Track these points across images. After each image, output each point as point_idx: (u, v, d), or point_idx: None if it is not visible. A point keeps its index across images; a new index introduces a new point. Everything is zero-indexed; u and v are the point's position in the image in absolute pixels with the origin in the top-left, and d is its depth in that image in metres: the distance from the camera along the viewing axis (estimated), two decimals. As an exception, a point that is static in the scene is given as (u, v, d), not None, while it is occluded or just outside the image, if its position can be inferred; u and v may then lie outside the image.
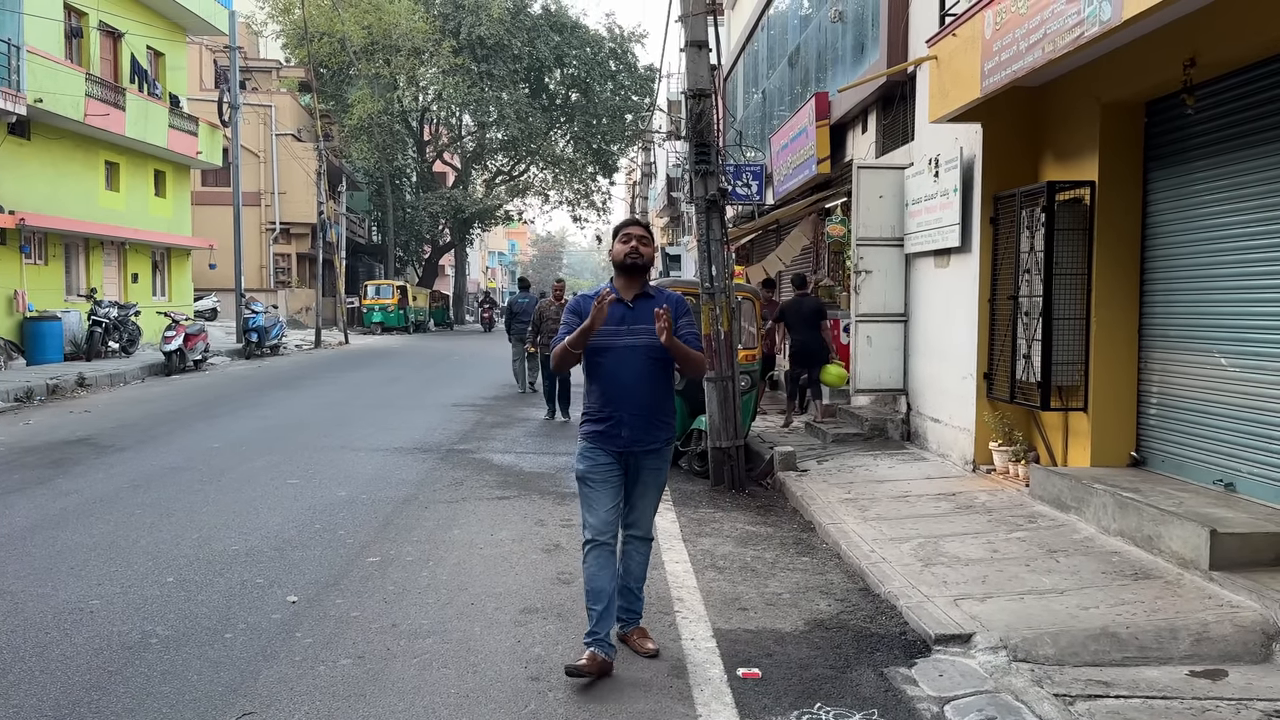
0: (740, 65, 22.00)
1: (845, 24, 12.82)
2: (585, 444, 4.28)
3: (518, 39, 41.26)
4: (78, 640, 4.50)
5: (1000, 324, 8.02)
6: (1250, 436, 5.96)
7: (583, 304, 4.26)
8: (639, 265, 4.25)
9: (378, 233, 48.89)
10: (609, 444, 4.21)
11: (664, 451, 4.33)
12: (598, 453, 4.23)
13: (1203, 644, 4.40)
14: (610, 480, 4.22)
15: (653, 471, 4.32)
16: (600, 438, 4.23)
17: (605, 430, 4.22)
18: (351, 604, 5.06)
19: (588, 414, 4.31)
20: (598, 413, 4.25)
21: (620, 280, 4.31)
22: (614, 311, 4.16)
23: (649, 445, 4.25)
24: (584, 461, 4.27)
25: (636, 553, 4.46)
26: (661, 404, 4.29)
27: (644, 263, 4.26)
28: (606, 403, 4.21)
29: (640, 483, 4.32)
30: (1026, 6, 6.32)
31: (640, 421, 4.21)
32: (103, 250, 22.31)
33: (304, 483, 8.16)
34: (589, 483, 4.24)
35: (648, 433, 4.24)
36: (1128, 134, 7.03)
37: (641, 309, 4.22)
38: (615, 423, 4.19)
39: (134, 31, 22.54)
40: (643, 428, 4.22)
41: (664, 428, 4.31)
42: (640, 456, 4.25)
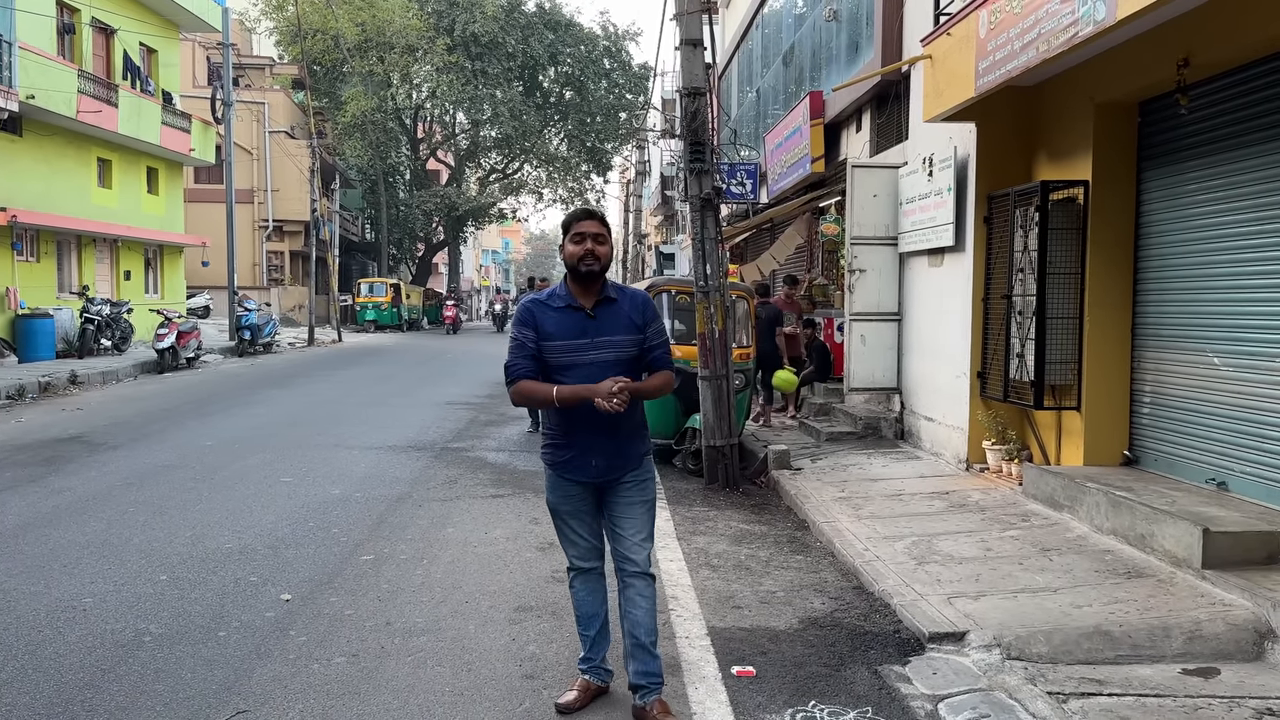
0: (735, 64, 22.01)
1: (840, 23, 12.84)
2: (552, 472, 3.74)
3: (512, 36, 41.20)
4: (70, 638, 4.49)
5: (994, 323, 8.03)
6: (1243, 436, 5.98)
7: (536, 314, 3.61)
8: (595, 272, 3.60)
9: (371, 230, 48.80)
10: (578, 474, 3.67)
11: (645, 466, 3.76)
12: (566, 484, 3.71)
13: (1195, 642, 4.42)
14: (586, 508, 3.75)
15: (637, 489, 3.73)
16: (567, 469, 3.68)
17: (572, 460, 3.66)
18: (345, 602, 5.05)
19: (551, 440, 3.73)
20: (562, 439, 3.67)
21: (576, 286, 3.65)
22: (572, 322, 3.57)
23: (625, 470, 3.69)
24: (554, 492, 3.76)
25: (639, 596, 3.70)
26: (636, 423, 3.73)
27: (602, 267, 3.61)
28: (572, 428, 3.62)
29: (622, 504, 3.72)
30: (1021, 6, 6.33)
31: (613, 447, 3.64)
32: (95, 247, 22.23)
33: (297, 481, 8.15)
34: (561, 515, 3.79)
35: (622, 455, 3.68)
36: (1121, 134, 7.05)
37: (605, 317, 3.61)
38: (583, 451, 3.63)
39: (127, 28, 22.45)
40: (616, 453, 3.66)
41: (639, 443, 3.75)
42: (616, 482, 3.70)
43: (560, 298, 3.63)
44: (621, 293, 3.71)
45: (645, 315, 3.65)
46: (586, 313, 3.59)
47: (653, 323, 3.67)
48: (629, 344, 3.59)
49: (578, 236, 3.59)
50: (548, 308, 3.61)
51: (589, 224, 3.61)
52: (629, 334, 3.59)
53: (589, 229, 3.60)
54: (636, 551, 3.70)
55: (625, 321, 3.62)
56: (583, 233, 3.59)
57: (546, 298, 3.64)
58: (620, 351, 3.57)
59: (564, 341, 3.55)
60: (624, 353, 3.58)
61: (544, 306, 3.61)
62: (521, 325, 3.62)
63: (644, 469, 3.76)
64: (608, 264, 3.62)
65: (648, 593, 3.72)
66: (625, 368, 3.58)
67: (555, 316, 3.60)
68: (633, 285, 4.40)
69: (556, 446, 3.70)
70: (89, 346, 18.65)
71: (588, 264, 3.57)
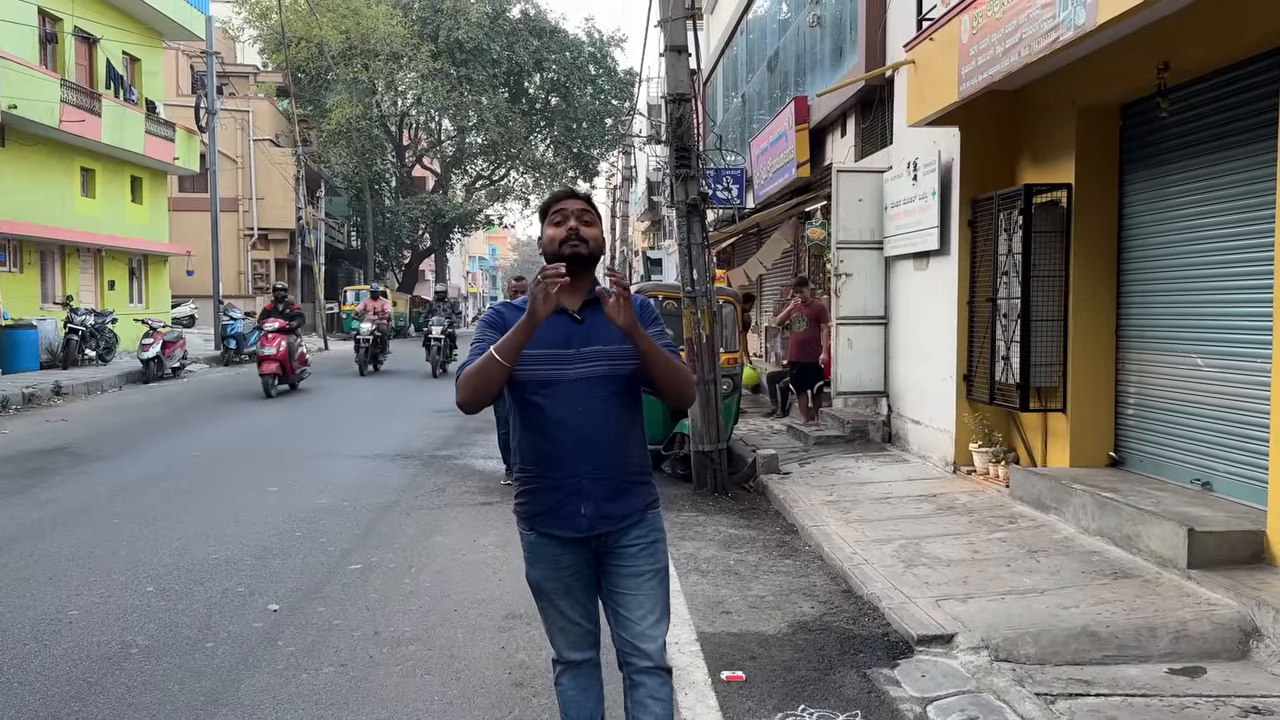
0: (720, 69, 22.07)
1: (823, 28, 12.89)
2: (529, 535, 2.83)
3: (497, 43, 41.20)
4: (56, 651, 4.46)
5: (979, 326, 8.07)
6: (1226, 436, 6.02)
7: (508, 318, 2.80)
8: (583, 256, 2.76)
9: (357, 238, 48.69)
10: (563, 528, 2.76)
11: (652, 521, 2.88)
12: (551, 547, 2.80)
13: (1181, 642, 4.44)
14: (578, 582, 2.85)
15: (645, 554, 2.83)
16: (549, 520, 2.77)
17: (554, 508, 2.76)
18: (333, 612, 5.04)
19: (525, 485, 2.82)
20: (540, 482, 2.78)
21: None
22: (553, 327, 2.71)
23: (625, 519, 2.81)
24: (536, 563, 2.85)
25: (652, 699, 2.84)
26: (635, 456, 2.86)
27: (590, 251, 2.78)
28: (552, 465, 2.75)
29: (625, 575, 2.83)
30: (1002, 11, 6.37)
31: (608, 488, 2.77)
32: (79, 257, 22.11)
33: (284, 490, 8.11)
34: (547, 594, 2.86)
35: (620, 501, 2.79)
36: (1104, 137, 7.10)
37: (595, 321, 2.77)
38: (569, 495, 2.75)
39: (110, 37, 22.37)
40: (613, 496, 2.78)
41: (642, 487, 2.87)
42: (615, 537, 2.81)
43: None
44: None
45: (645, 319, 2.80)
46: (571, 315, 2.76)
47: (652, 326, 2.82)
48: (626, 354, 2.73)
49: (558, 214, 2.80)
50: (520, 311, 2.74)
51: (569, 202, 2.83)
52: (625, 342, 2.71)
53: (570, 206, 2.81)
54: (647, 640, 2.81)
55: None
56: (563, 209, 2.80)
57: (521, 302, 2.78)
58: (614, 364, 2.74)
59: (543, 351, 2.70)
60: (619, 365, 2.75)
61: (518, 311, 2.77)
62: (488, 328, 2.80)
63: (651, 525, 2.87)
64: (599, 251, 2.81)
65: (662, 694, 2.84)
66: (621, 385, 2.77)
67: None
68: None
69: (531, 490, 2.81)
70: (73, 357, 18.53)
71: (572, 245, 2.74)
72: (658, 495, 2.97)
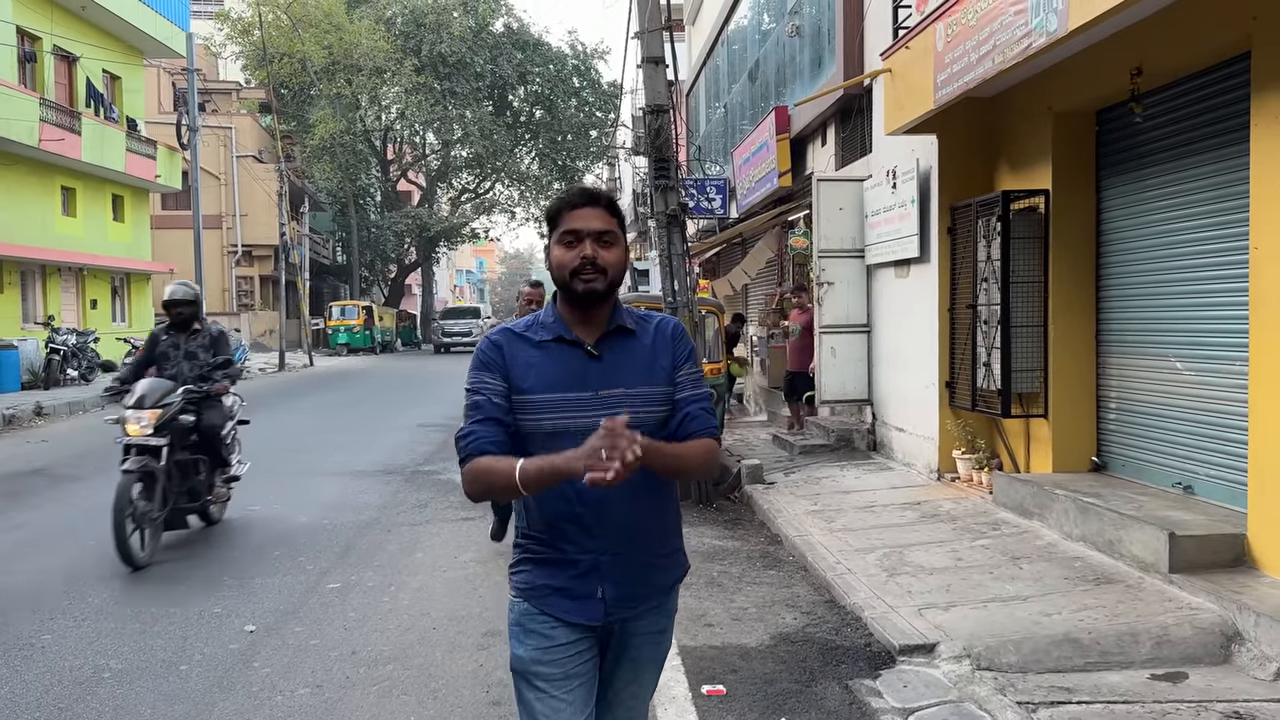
0: (702, 80, 22.13)
1: (802, 38, 12.93)
2: (526, 605, 2.31)
3: (480, 57, 41.28)
4: (28, 677, 4.40)
5: (960, 332, 8.07)
6: (1206, 439, 6.02)
7: (507, 353, 2.28)
8: (598, 294, 2.26)
9: (342, 253, 48.58)
10: (575, 613, 2.26)
11: (671, 602, 2.44)
12: (551, 626, 2.28)
13: (1163, 647, 4.43)
14: (581, 670, 2.30)
15: (652, 641, 2.41)
16: (558, 602, 2.27)
17: (565, 588, 2.27)
18: (310, 632, 4.98)
19: (530, 554, 2.32)
20: (549, 553, 2.28)
21: (570, 309, 2.31)
22: (566, 366, 2.26)
23: (648, 603, 2.35)
24: (527, 641, 2.29)
25: None
26: (668, 523, 2.42)
27: (610, 283, 2.27)
28: (566, 537, 2.25)
29: (627, 659, 2.39)
30: (976, 18, 6.39)
31: (633, 566, 2.29)
32: (60, 276, 21.99)
33: (264, 509, 8.05)
34: (537, 681, 2.28)
35: (646, 582, 2.33)
36: (1079, 142, 7.12)
37: (617, 357, 2.28)
38: (584, 573, 2.26)
39: (89, 55, 22.30)
40: (638, 576, 2.31)
41: (672, 560, 2.42)
42: (632, 623, 2.34)
43: (546, 327, 2.30)
44: (643, 321, 2.37)
45: (677, 353, 2.34)
46: (587, 350, 2.27)
47: (686, 364, 2.35)
48: (654, 399, 2.27)
49: (570, 236, 2.25)
50: (525, 342, 2.28)
51: (587, 213, 2.26)
52: (654, 384, 2.28)
53: (587, 222, 2.25)
54: None
55: (648, 364, 2.30)
56: (577, 230, 2.25)
57: (525, 327, 2.32)
58: (642, 410, 2.22)
59: (553, 396, 2.23)
60: (648, 412, 2.24)
61: (520, 341, 2.29)
62: (483, 370, 2.27)
63: (668, 609, 2.43)
64: (619, 278, 2.29)
65: None
66: (650, 435, 2.15)
67: (538, 357, 2.27)
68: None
69: (537, 562, 2.30)
70: (55, 377, 18.40)
71: (586, 279, 2.23)
72: (688, 566, 2.50)
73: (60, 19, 21.24)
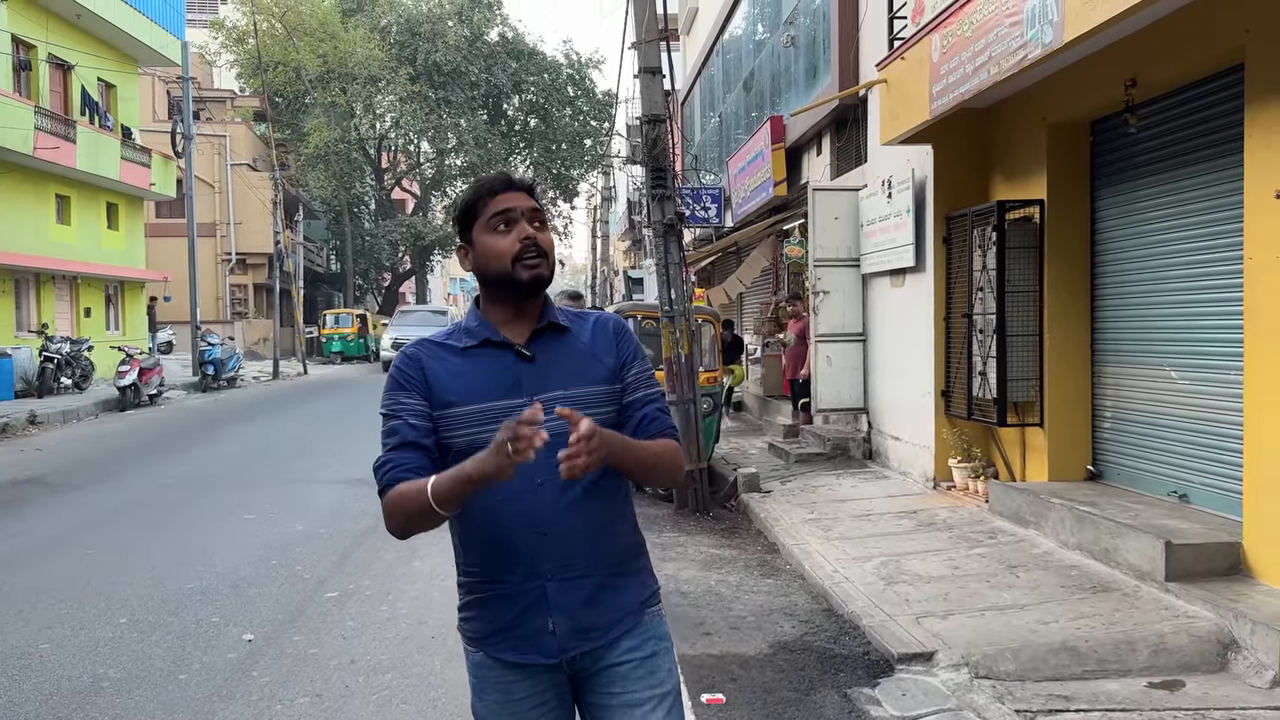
0: (697, 89, 22.20)
1: (797, 48, 12.99)
2: (480, 655, 2.04)
3: (475, 66, 41.34)
4: (26, 686, 4.38)
5: (956, 342, 8.11)
6: (1201, 448, 6.05)
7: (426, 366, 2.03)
8: (545, 279, 2.03)
9: (336, 261, 48.53)
10: (525, 652, 1.99)
11: (649, 623, 2.08)
12: (506, 674, 2.02)
13: (1160, 655, 4.45)
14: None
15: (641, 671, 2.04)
16: (504, 642, 1.99)
17: (510, 626, 1.98)
18: (309, 641, 4.97)
19: (470, 594, 2.06)
20: (488, 590, 2.01)
21: (498, 308, 2.06)
22: (493, 371, 2.00)
23: (612, 630, 2.02)
24: (485, 696, 2.06)
25: None
26: (622, 538, 2.08)
27: (549, 273, 2.04)
28: (504, 565, 1.98)
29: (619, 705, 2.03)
30: (972, 30, 6.43)
31: (585, 590, 1.98)
32: (54, 284, 21.92)
33: (260, 518, 8.03)
34: None
35: (604, 606, 2.01)
36: (1074, 153, 7.16)
37: (552, 357, 2.04)
38: (528, 606, 1.97)
39: (84, 64, 22.28)
40: (591, 600, 1.99)
41: (634, 579, 2.08)
42: (599, 654, 2.02)
43: (471, 332, 2.05)
44: (577, 319, 2.13)
45: (621, 349, 2.10)
46: (518, 352, 2.01)
47: (635, 361, 2.11)
48: (598, 399, 2.02)
49: (501, 219, 2.00)
50: (447, 351, 2.04)
51: (513, 196, 2.01)
52: (595, 383, 2.04)
53: (514, 202, 2.00)
54: None
55: (587, 362, 2.05)
56: (509, 210, 2.00)
57: (447, 335, 2.08)
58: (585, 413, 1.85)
59: (481, 406, 1.96)
60: (592, 415, 1.88)
61: (441, 351, 2.04)
62: (398, 390, 2.02)
63: (649, 631, 2.07)
64: (554, 267, 2.06)
65: None
66: None
67: (463, 366, 2.01)
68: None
69: (477, 601, 2.03)
70: (48, 385, 18.33)
71: (531, 263, 1.98)
72: (657, 586, 2.14)
73: (55, 27, 21.22)
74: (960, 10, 6.60)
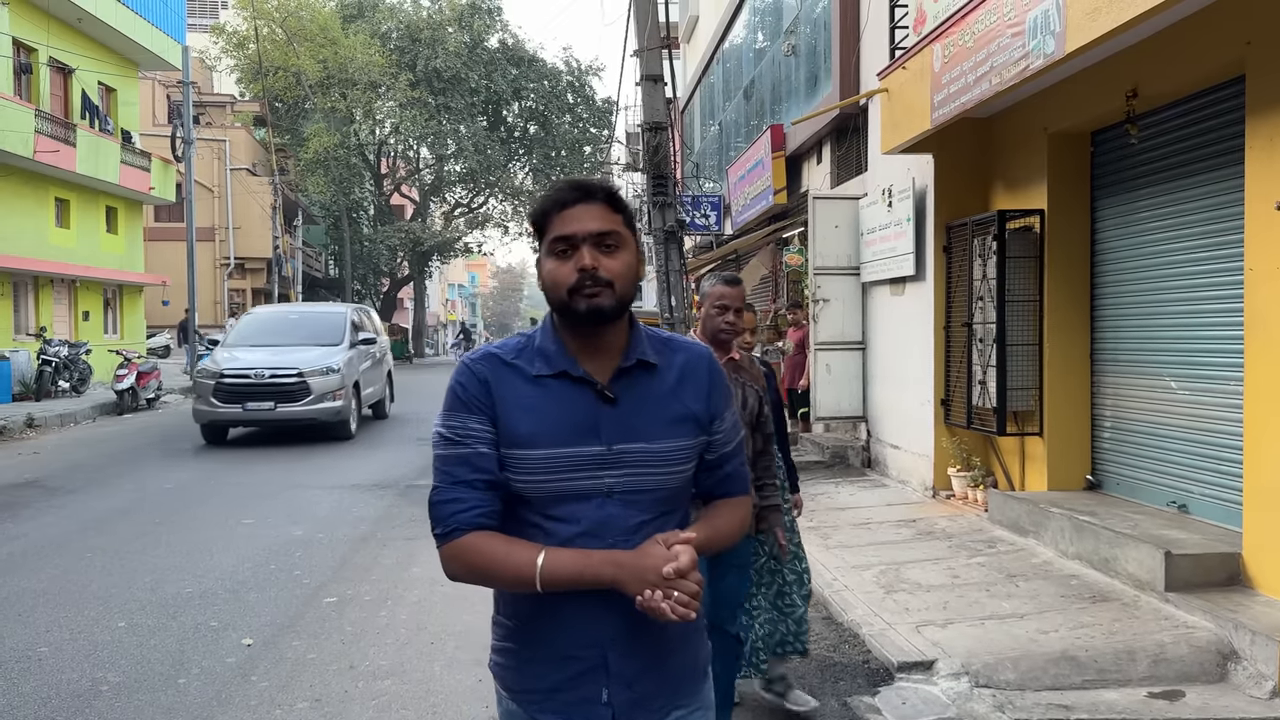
0: (697, 97, 22.25)
1: (798, 57, 13.02)
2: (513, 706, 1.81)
3: (475, 72, 41.43)
4: (24, 690, 4.37)
5: (955, 351, 8.12)
6: (1201, 458, 6.06)
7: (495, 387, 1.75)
8: (605, 312, 1.71)
9: (335, 266, 48.57)
10: (570, 714, 1.76)
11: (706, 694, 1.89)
12: None
13: (1160, 665, 4.45)
14: None
15: None
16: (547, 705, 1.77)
17: (558, 689, 1.77)
18: (308, 646, 4.97)
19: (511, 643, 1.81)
20: (538, 650, 1.78)
21: (572, 334, 1.77)
22: (571, 408, 1.73)
23: (675, 702, 1.82)
24: None
25: None
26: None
27: (618, 300, 1.73)
28: (561, 627, 1.75)
29: None
30: (973, 40, 6.46)
31: (645, 658, 1.77)
32: (53, 288, 21.92)
33: (258, 522, 8.02)
34: None
35: (663, 673, 1.80)
36: (1075, 163, 7.18)
37: (635, 400, 1.76)
38: (583, 673, 1.75)
39: (85, 68, 22.31)
40: (657, 667, 1.78)
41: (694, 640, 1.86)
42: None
43: (547, 357, 1.76)
44: (664, 348, 1.83)
45: (713, 399, 1.83)
46: (596, 389, 1.74)
47: (726, 413, 1.86)
48: (681, 456, 1.77)
49: (562, 244, 1.72)
50: (517, 375, 1.75)
51: (581, 212, 1.72)
52: (682, 437, 1.78)
53: (582, 223, 1.72)
54: None
55: (673, 410, 1.78)
56: (570, 236, 1.71)
57: (516, 354, 1.77)
58: (666, 472, 1.75)
59: (557, 452, 1.70)
60: (669, 472, 1.75)
61: (510, 373, 1.75)
62: (463, 411, 1.74)
63: (702, 696, 1.88)
64: (631, 290, 1.75)
65: None
66: (672, 502, 1.79)
67: (535, 396, 1.74)
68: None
69: (519, 656, 1.80)
70: (46, 389, 18.32)
71: (589, 295, 1.70)
72: (710, 646, 1.95)
73: (56, 31, 21.26)
74: (962, 20, 6.63)
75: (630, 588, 1.62)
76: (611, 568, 1.63)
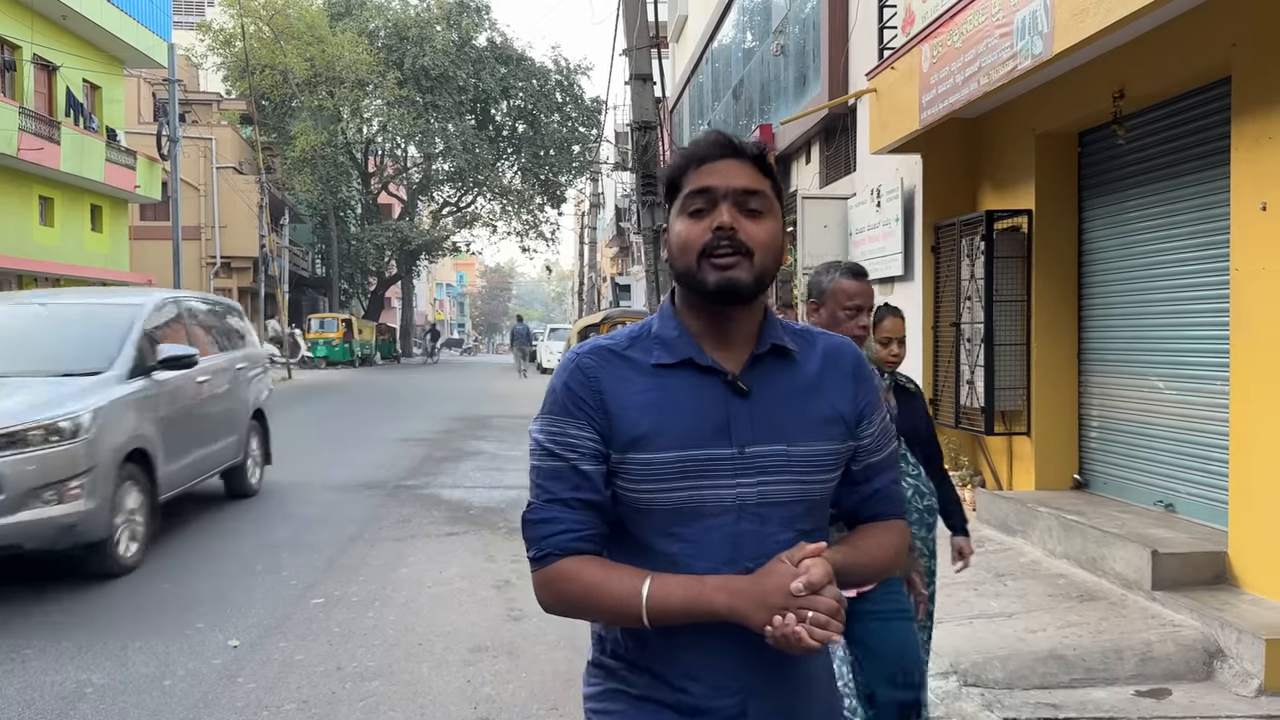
0: (686, 97, 22.26)
1: (787, 57, 13.04)
2: None
3: (463, 70, 41.36)
4: (9, 691, 4.34)
5: (944, 350, 8.14)
6: (1187, 458, 6.09)
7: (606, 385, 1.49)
8: (744, 289, 1.47)
9: (322, 265, 48.39)
10: None
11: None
12: None
13: (1147, 664, 4.47)
14: None
15: None
16: None
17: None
18: (295, 647, 4.94)
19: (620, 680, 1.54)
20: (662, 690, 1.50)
21: (699, 317, 1.53)
22: (697, 402, 1.47)
23: None
24: None
25: None
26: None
27: (757, 276, 1.47)
28: (689, 671, 1.48)
29: None
30: (962, 40, 6.47)
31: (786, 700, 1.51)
32: (37, 286, 21.78)
33: (244, 522, 7.98)
34: None
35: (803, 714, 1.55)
36: (1062, 163, 7.21)
37: (772, 394, 1.50)
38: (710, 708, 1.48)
39: (70, 65, 22.19)
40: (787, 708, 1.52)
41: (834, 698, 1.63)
42: None
43: (667, 344, 1.52)
44: (803, 338, 1.59)
45: (860, 394, 1.58)
46: (728, 380, 1.50)
47: (875, 414, 1.60)
48: (826, 463, 1.53)
49: (699, 200, 1.49)
50: (627, 368, 1.51)
51: (726, 168, 1.48)
52: (827, 439, 1.53)
53: (726, 179, 1.48)
54: None
55: (816, 406, 1.54)
56: (709, 189, 1.48)
57: (628, 342, 1.55)
58: (805, 479, 1.50)
59: (679, 454, 1.46)
60: (813, 482, 1.51)
61: (623, 365, 1.51)
62: (565, 416, 1.51)
63: None
64: (772, 269, 1.51)
65: None
66: (816, 516, 1.55)
67: (654, 391, 1.49)
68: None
69: (641, 701, 1.52)
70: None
71: (722, 261, 1.46)
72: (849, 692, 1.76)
73: (41, 28, 21.13)
74: (950, 21, 6.64)
75: (753, 617, 1.36)
76: (725, 595, 1.37)
